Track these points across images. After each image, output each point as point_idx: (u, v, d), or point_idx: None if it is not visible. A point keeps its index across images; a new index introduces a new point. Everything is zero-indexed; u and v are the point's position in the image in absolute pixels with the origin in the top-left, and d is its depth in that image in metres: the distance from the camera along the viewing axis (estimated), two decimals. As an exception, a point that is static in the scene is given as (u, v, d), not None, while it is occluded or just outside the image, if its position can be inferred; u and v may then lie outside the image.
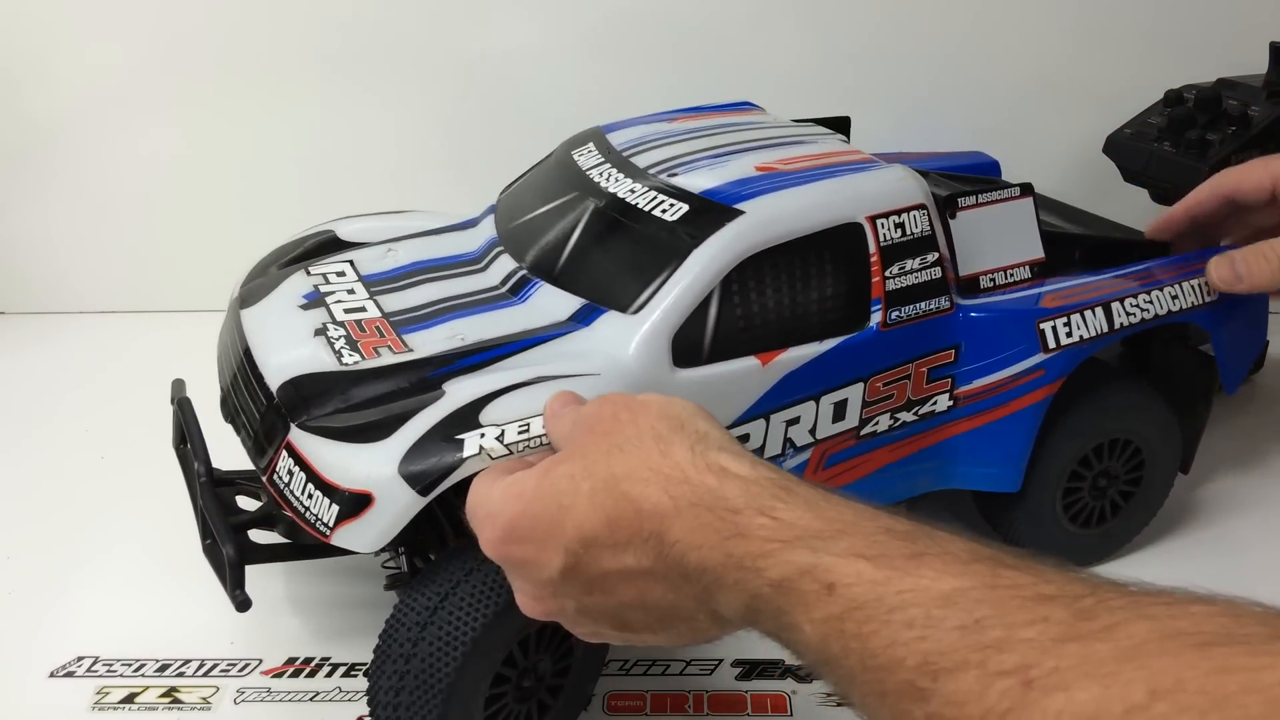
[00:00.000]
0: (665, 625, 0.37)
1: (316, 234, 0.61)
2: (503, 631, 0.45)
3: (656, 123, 0.62)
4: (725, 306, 0.49)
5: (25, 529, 0.65)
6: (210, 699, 0.53)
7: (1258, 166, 0.62)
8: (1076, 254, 0.62)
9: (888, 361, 0.53)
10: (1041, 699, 0.24)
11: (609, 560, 0.36)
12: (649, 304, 0.48)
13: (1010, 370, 0.54)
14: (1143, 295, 0.57)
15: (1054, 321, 0.55)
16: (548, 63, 0.86)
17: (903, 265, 0.52)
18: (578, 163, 0.57)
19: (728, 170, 0.53)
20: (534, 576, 0.38)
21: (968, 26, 0.85)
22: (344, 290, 0.54)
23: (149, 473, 0.65)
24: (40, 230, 0.89)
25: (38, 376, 0.83)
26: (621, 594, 0.37)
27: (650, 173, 0.54)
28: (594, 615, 0.38)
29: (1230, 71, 0.80)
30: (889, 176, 0.53)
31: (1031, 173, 0.76)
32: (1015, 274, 0.56)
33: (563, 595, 0.38)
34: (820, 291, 0.51)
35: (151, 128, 0.86)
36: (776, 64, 0.85)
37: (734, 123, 0.61)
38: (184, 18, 0.83)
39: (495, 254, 0.56)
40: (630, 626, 0.38)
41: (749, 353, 0.49)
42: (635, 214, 0.51)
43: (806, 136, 0.59)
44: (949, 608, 0.28)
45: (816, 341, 0.51)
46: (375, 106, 0.87)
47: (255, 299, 0.54)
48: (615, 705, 0.53)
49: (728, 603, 0.33)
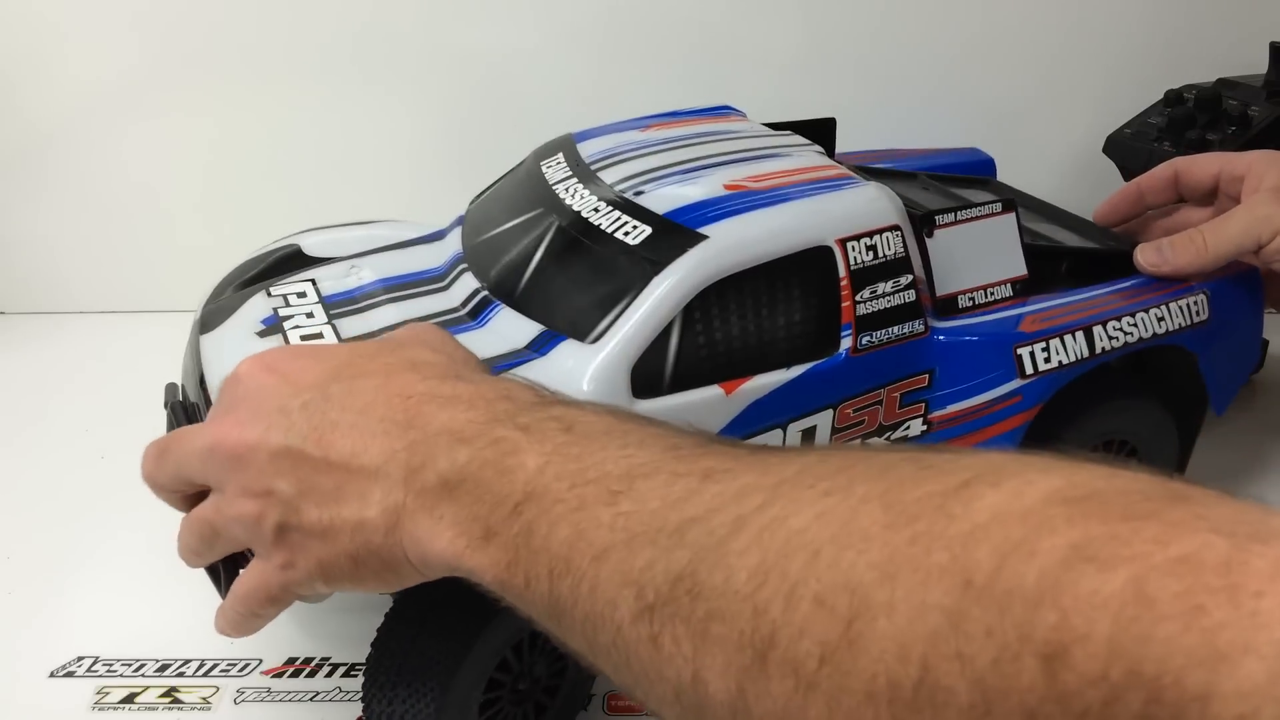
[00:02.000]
0: (340, 499, 0.36)
1: (280, 249, 0.59)
2: (497, 635, 0.44)
3: (629, 131, 0.60)
4: (687, 335, 0.47)
5: (25, 529, 0.65)
6: (210, 699, 0.53)
7: (1212, 157, 0.62)
8: (1064, 267, 0.60)
9: (858, 387, 0.51)
10: (713, 485, 0.29)
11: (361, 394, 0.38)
12: (607, 333, 0.47)
13: (986, 396, 0.53)
14: (1127, 318, 0.55)
15: (1032, 347, 0.53)
16: (544, 61, 0.84)
17: (874, 289, 0.51)
18: (545, 175, 0.56)
19: (695, 189, 0.51)
20: (269, 401, 0.39)
21: (966, 23, 0.83)
22: (303, 314, 0.53)
23: None
24: (39, 230, 0.89)
25: (37, 376, 0.83)
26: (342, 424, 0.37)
27: (616, 189, 0.52)
28: (290, 463, 0.37)
29: (1230, 71, 0.79)
30: (861, 197, 0.51)
31: (1030, 172, 0.75)
32: (996, 292, 0.55)
33: (279, 427, 0.38)
34: (787, 317, 0.49)
35: (150, 128, 0.86)
36: (772, 60, 0.84)
37: (709, 132, 0.59)
38: (183, 18, 0.82)
39: (459, 271, 0.55)
40: (307, 502, 0.37)
41: (713, 381, 0.48)
42: (597, 235, 0.50)
43: (782, 149, 0.57)
44: (662, 437, 0.33)
45: (784, 369, 0.49)
46: (374, 106, 0.86)
47: (214, 323, 0.53)
48: (615, 705, 0.53)
49: (440, 463, 0.35)
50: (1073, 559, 0.21)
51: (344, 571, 0.37)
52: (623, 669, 0.30)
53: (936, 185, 0.64)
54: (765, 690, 0.25)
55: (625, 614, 0.29)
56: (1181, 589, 0.20)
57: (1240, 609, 0.19)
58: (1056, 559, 0.22)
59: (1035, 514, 0.23)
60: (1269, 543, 0.20)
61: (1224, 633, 0.19)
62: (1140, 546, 0.21)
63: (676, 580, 0.28)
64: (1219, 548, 0.20)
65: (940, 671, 0.22)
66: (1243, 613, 0.19)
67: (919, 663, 0.22)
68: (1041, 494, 0.23)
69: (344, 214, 0.88)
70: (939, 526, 0.24)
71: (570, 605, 0.31)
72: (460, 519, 0.34)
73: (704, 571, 0.27)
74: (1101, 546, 0.21)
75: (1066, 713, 0.20)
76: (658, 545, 0.29)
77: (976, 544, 0.23)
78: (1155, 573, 0.20)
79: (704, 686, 0.27)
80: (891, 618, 0.23)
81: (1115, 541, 0.21)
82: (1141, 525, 0.22)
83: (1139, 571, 0.21)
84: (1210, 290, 0.58)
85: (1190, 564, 0.20)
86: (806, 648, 0.24)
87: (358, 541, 0.36)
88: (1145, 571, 0.20)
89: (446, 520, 0.34)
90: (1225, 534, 0.21)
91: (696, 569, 0.27)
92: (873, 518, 0.25)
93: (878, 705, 0.23)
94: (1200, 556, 0.20)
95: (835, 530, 0.25)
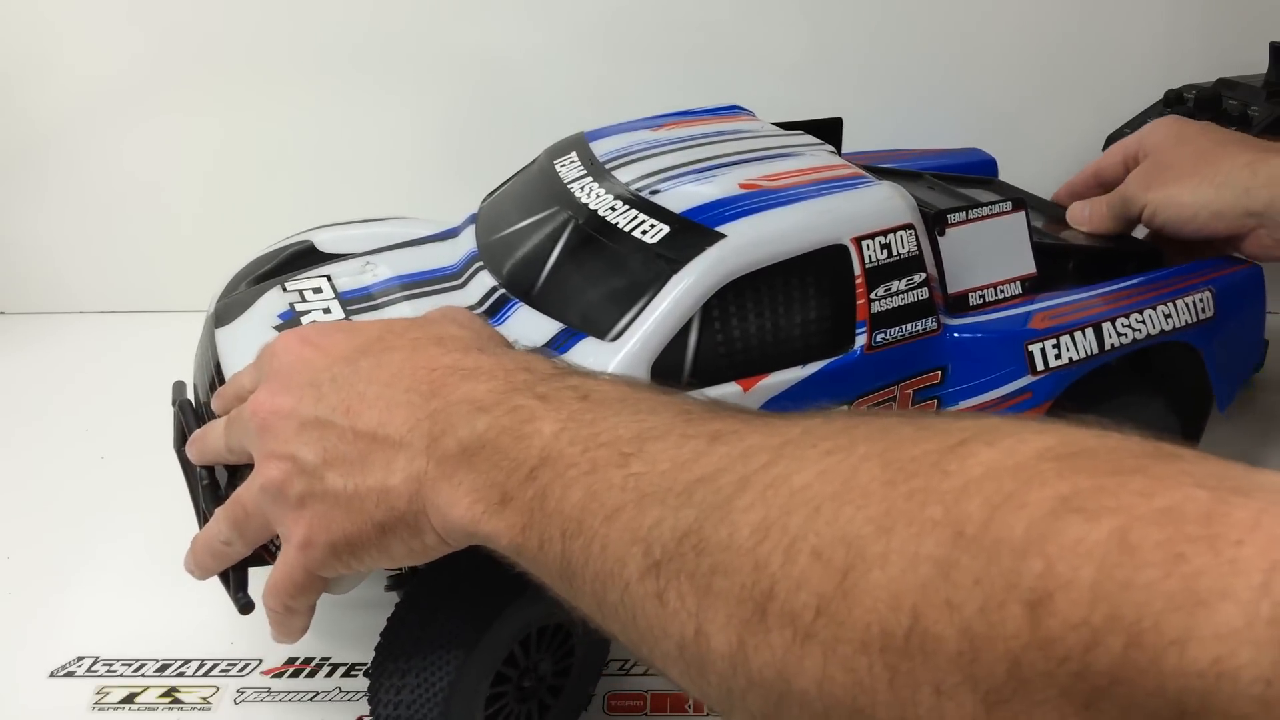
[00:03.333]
0: (366, 468, 0.37)
1: (294, 244, 0.60)
2: (504, 631, 0.45)
3: (641, 130, 0.60)
4: (706, 332, 0.48)
5: (25, 529, 0.65)
6: (210, 699, 0.53)
7: (1133, 136, 0.67)
8: (1070, 265, 0.61)
9: (873, 384, 0.52)
10: (721, 446, 0.30)
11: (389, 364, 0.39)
12: (626, 331, 0.47)
13: (997, 392, 0.53)
14: (1134, 315, 0.56)
15: (1043, 343, 0.54)
16: (549, 62, 0.85)
17: (889, 287, 0.51)
18: (559, 174, 0.56)
19: (711, 188, 0.52)
20: (302, 374, 0.40)
21: (967, 24, 0.84)
22: (319, 309, 0.53)
23: (149, 473, 0.64)
24: (39, 230, 0.89)
25: (37, 376, 0.83)
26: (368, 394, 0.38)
27: (632, 188, 0.53)
28: (318, 433, 0.38)
29: (1230, 71, 0.79)
30: (876, 196, 0.52)
31: (1031, 172, 0.76)
32: (1005, 290, 0.55)
33: (310, 399, 0.39)
34: (804, 315, 0.50)
35: (151, 127, 0.85)
36: (776, 60, 0.84)
37: (721, 131, 0.60)
38: (184, 17, 0.82)
39: (475, 269, 0.55)
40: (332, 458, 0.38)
41: (730, 379, 0.48)
42: (615, 234, 0.50)
43: (794, 148, 0.58)
44: (673, 404, 0.34)
45: (800, 365, 0.50)
46: (375, 105, 0.86)
47: (230, 316, 0.53)
48: (615, 705, 0.53)
49: (460, 431, 0.36)
50: (1060, 510, 0.22)
51: (370, 541, 0.38)
52: (629, 626, 0.30)
53: (942, 185, 0.64)
54: (764, 642, 0.26)
55: (634, 571, 0.29)
56: (1163, 538, 0.20)
57: (1220, 556, 0.20)
58: (1045, 510, 0.22)
59: (1026, 468, 0.24)
60: (1251, 495, 0.21)
61: (1203, 579, 0.19)
62: (1126, 498, 0.22)
63: (683, 537, 0.28)
64: (1201, 499, 0.21)
65: (930, 619, 0.23)
66: (1222, 560, 0.20)
67: (910, 611, 0.23)
68: (1034, 450, 0.24)
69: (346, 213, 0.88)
70: (934, 482, 0.25)
71: (581, 565, 0.31)
72: (478, 485, 0.35)
73: (709, 528, 0.28)
74: (1088, 498, 0.22)
75: (1049, 658, 0.21)
76: (666, 504, 0.30)
77: (969, 497, 0.24)
78: (1139, 523, 0.21)
79: (706, 640, 0.27)
80: (885, 569, 0.24)
81: (1102, 493, 0.22)
82: (1128, 479, 0.22)
83: (1123, 522, 0.21)
84: (1215, 287, 0.59)
85: (1173, 515, 0.21)
86: (804, 599, 0.25)
87: (383, 508, 0.37)
88: (1129, 522, 0.21)
89: (465, 487, 0.35)
90: (1209, 488, 0.21)
91: (702, 525, 0.28)
92: (872, 475, 0.26)
93: (871, 653, 0.24)
94: (1183, 508, 0.21)
95: (836, 487, 0.26)
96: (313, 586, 0.41)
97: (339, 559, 0.39)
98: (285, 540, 0.40)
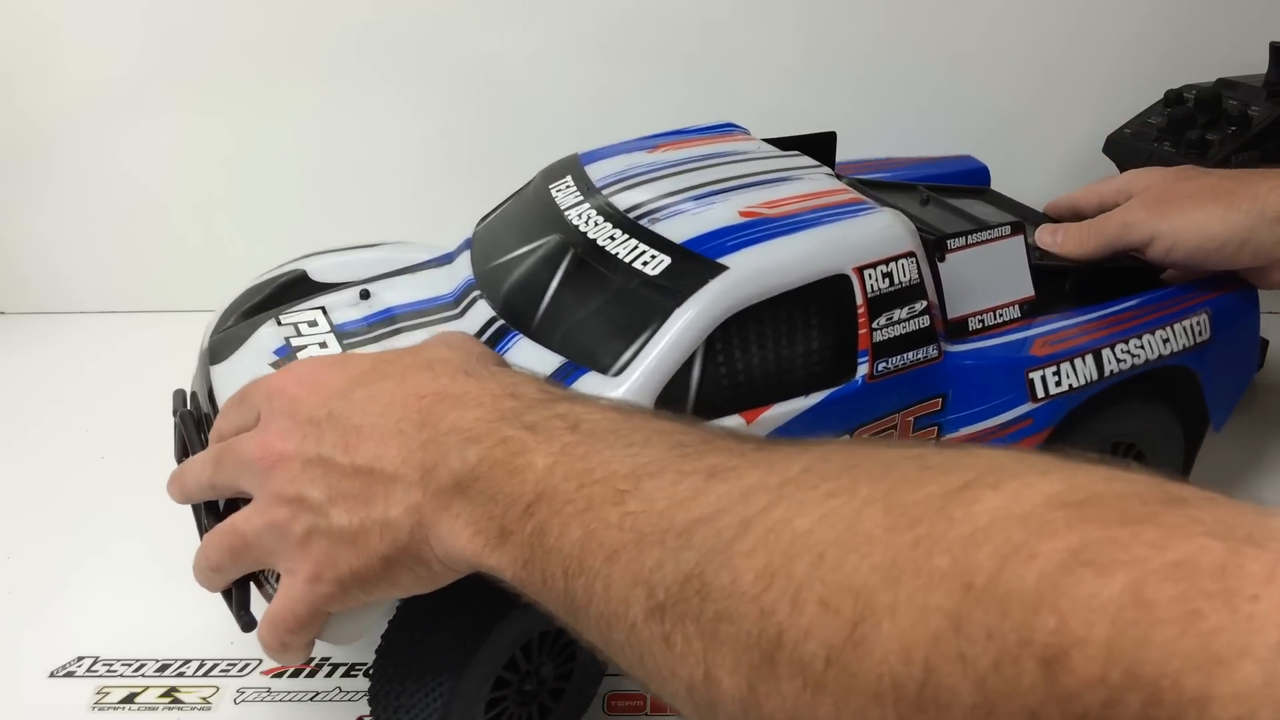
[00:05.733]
0: (367, 502, 0.38)
1: (285, 274, 0.59)
2: (506, 635, 0.45)
3: (637, 152, 0.59)
4: (709, 365, 0.47)
5: (25, 529, 0.65)
6: (210, 699, 0.53)
7: (1148, 170, 0.65)
8: (1067, 285, 0.61)
9: (874, 413, 0.51)
10: (719, 484, 0.30)
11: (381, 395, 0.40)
12: (629, 366, 0.47)
13: (998, 419, 0.53)
14: (1134, 340, 0.56)
15: (1043, 370, 0.54)
16: (549, 69, 0.84)
17: (890, 316, 0.51)
18: (555, 200, 0.55)
19: (711, 216, 0.51)
20: (301, 412, 0.40)
21: (964, 25, 0.83)
22: (316, 344, 0.52)
23: (149, 473, 0.64)
24: (39, 230, 0.88)
25: (37, 377, 0.83)
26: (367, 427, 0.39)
27: (630, 217, 0.52)
28: (321, 471, 0.39)
29: (1230, 71, 0.79)
30: (877, 224, 0.52)
31: (1030, 174, 0.75)
32: (1005, 314, 0.55)
33: (312, 438, 0.39)
34: (806, 345, 0.49)
35: (151, 128, 0.84)
36: (773, 67, 0.84)
37: (718, 154, 0.59)
38: (183, 19, 0.81)
39: (472, 298, 0.55)
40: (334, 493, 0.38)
41: (734, 411, 0.48)
42: (615, 264, 0.50)
43: (793, 171, 0.57)
44: (667, 434, 0.34)
45: (802, 396, 0.49)
46: (376, 109, 0.85)
47: (226, 352, 0.53)
48: (615, 705, 0.53)
49: (452, 462, 0.36)
50: (1071, 563, 0.22)
51: (377, 574, 0.38)
52: (637, 665, 0.31)
53: (936, 198, 0.64)
54: (775, 689, 0.26)
55: (638, 612, 0.30)
56: (1178, 593, 0.20)
57: (1236, 613, 0.20)
58: (1055, 562, 0.22)
59: (1035, 517, 0.23)
60: (1264, 546, 0.21)
61: (1220, 636, 0.19)
62: (1138, 551, 0.22)
63: (685, 580, 0.28)
64: (1215, 551, 0.21)
65: (943, 673, 0.23)
66: (1239, 617, 0.20)
67: (922, 664, 0.23)
68: (1041, 497, 0.24)
69: (346, 215, 0.88)
70: (940, 529, 0.25)
71: (585, 603, 0.31)
72: (476, 518, 0.35)
73: (711, 573, 0.28)
74: (1099, 551, 0.22)
75: (1067, 714, 0.21)
76: (666, 546, 0.29)
77: (977, 547, 0.24)
78: (1153, 577, 0.21)
79: (716, 684, 0.28)
80: (895, 620, 0.24)
81: (1113, 546, 0.22)
82: (1139, 529, 0.22)
83: (1137, 576, 0.21)
84: (1212, 309, 0.59)
85: (1186, 568, 0.21)
86: (813, 649, 0.25)
87: (387, 541, 0.37)
88: (1143, 576, 0.21)
89: (463, 519, 0.35)
90: (1220, 537, 0.21)
91: (704, 570, 0.28)
92: (875, 520, 0.26)
93: (884, 705, 0.24)
94: (1196, 561, 0.21)
95: (839, 533, 0.26)
96: (314, 622, 0.41)
97: (347, 593, 0.39)
98: (289, 574, 0.40)
